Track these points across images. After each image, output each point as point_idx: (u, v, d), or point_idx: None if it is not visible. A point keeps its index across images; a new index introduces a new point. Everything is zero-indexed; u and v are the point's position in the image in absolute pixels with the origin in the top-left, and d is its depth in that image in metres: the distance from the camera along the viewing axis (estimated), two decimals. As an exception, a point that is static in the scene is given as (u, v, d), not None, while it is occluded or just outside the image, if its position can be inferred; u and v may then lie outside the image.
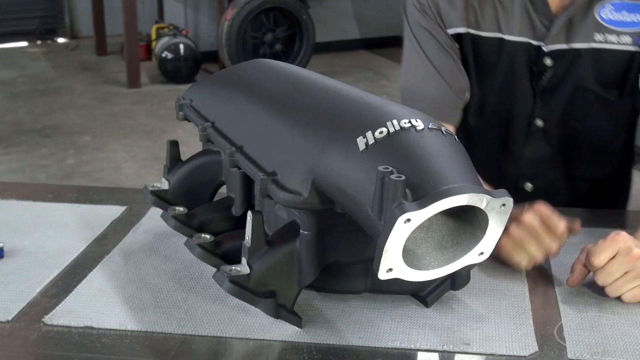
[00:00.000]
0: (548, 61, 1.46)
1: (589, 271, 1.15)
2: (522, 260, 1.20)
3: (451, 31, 1.50)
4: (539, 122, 1.52)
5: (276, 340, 1.03)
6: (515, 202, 0.93)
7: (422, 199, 0.87)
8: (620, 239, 1.12)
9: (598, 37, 1.43)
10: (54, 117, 5.34)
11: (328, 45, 6.87)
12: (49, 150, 4.71)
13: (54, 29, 8.08)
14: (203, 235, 1.12)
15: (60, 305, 1.12)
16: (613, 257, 1.11)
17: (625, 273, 1.11)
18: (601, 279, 1.12)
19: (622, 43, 1.43)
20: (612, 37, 1.43)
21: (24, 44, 7.85)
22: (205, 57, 6.37)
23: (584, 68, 1.46)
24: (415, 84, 1.54)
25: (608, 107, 1.50)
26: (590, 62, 1.45)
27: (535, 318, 1.09)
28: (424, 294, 1.11)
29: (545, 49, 1.45)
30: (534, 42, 1.46)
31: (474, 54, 1.51)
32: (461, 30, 1.49)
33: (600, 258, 1.11)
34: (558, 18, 1.43)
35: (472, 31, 1.49)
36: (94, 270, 1.22)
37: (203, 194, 1.30)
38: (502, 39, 1.48)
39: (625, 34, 1.43)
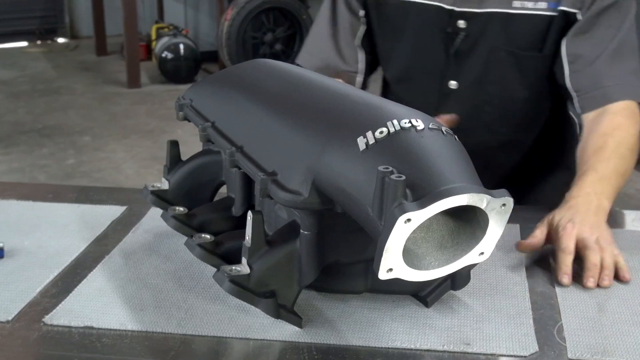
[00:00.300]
0: (461, 23, 1.49)
1: (545, 243, 1.24)
2: None
3: None
4: (453, 84, 1.55)
5: (276, 340, 1.03)
6: None
7: (423, 199, 0.87)
8: (571, 227, 1.21)
9: (516, 3, 1.46)
10: (54, 117, 5.34)
11: (328, 45, 6.85)
12: (49, 150, 4.71)
13: (54, 29, 8.08)
14: (203, 235, 1.12)
15: (60, 305, 1.12)
16: (582, 248, 1.19)
17: (597, 240, 1.20)
18: (594, 261, 1.17)
19: (537, 9, 1.45)
20: (529, 4, 1.46)
21: (24, 44, 7.86)
22: (205, 57, 6.37)
23: (498, 31, 1.48)
24: (314, 45, 1.64)
25: (523, 70, 1.52)
26: (505, 25, 1.47)
27: (535, 318, 1.09)
28: (424, 294, 1.11)
29: (457, 10, 1.48)
30: (447, 6, 1.49)
31: (379, 16, 1.56)
32: None
33: (570, 243, 1.19)
34: None
35: None
36: (94, 270, 1.22)
37: (203, 194, 1.30)
38: (410, 2, 1.51)
39: (542, 0, 1.45)
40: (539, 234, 1.24)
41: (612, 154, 1.35)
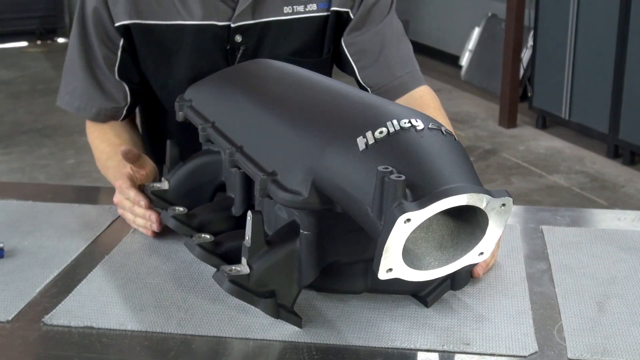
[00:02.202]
0: (238, 37, 1.47)
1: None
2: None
3: (118, 24, 1.47)
4: None
5: (276, 340, 1.03)
6: None
7: (422, 199, 0.87)
8: None
9: (287, 9, 1.47)
10: (54, 117, 5.34)
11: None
12: (49, 150, 4.71)
13: (54, 29, 8.08)
14: (203, 235, 1.12)
15: (60, 305, 1.12)
16: None
17: None
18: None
19: (309, 11, 1.47)
20: (300, 8, 1.47)
21: (24, 44, 7.86)
22: (205, 57, 6.35)
23: (274, 40, 1.49)
24: (72, 85, 1.53)
25: None
26: (280, 33, 1.48)
27: (535, 318, 1.09)
28: (424, 294, 1.11)
29: (232, 25, 1.46)
30: (220, 23, 1.46)
31: (147, 43, 1.49)
32: (127, 22, 1.47)
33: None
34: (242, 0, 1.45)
35: (141, 21, 1.47)
36: (94, 270, 1.22)
37: (203, 194, 1.30)
38: (183, 25, 1.46)
39: (311, 2, 1.47)
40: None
41: None
